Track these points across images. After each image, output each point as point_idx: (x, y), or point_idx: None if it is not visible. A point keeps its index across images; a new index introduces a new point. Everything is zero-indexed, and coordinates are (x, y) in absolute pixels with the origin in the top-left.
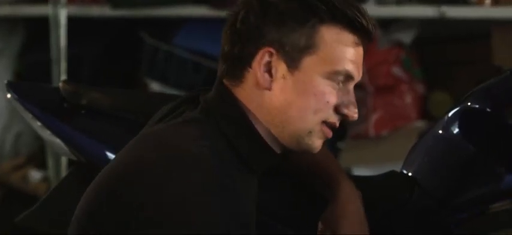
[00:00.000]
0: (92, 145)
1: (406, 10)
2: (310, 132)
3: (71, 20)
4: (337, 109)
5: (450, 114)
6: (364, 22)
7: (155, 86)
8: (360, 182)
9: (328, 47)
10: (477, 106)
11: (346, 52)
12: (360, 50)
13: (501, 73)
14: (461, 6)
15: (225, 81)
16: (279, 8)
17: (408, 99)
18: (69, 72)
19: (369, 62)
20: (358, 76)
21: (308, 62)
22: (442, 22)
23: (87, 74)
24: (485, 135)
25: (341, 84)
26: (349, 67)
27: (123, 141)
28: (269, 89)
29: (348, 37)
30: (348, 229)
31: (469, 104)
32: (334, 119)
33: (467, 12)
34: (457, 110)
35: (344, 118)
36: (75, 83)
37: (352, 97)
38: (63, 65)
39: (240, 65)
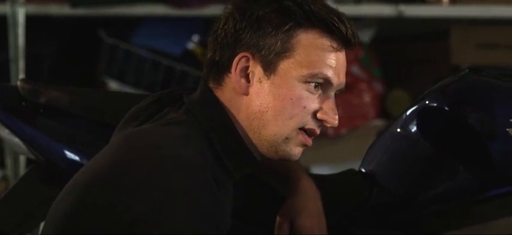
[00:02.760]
0: (50, 144)
1: (364, 9)
2: (287, 138)
3: (29, 19)
4: (315, 115)
5: (408, 112)
6: (342, 28)
7: (113, 85)
8: (319, 181)
9: (305, 51)
10: (435, 105)
11: (323, 57)
12: (340, 55)
13: (459, 72)
14: (419, 5)
15: (209, 84)
16: (257, 13)
17: (367, 97)
18: (28, 71)
19: None
20: (337, 81)
21: (285, 65)
22: (400, 21)
23: (46, 73)
24: (443, 134)
25: (320, 90)
26: (327, 72)
27: (81, 139)
28: (246, 94)
29: (326, 42)
30: (306, 221)
31: (427, 102)
32: (313, 126)
33: (425, 11)
34: (415, 109)
35: (323, 125)
36: (34, 82)
37: (331, 103)
38: (22, 64)
39: (220, 70)
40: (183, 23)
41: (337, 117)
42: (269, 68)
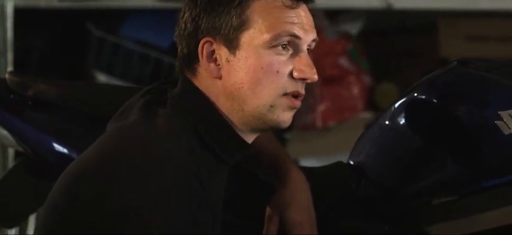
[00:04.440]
0: (39, 137)
1: (353, 1)
2: (271, 106)
3: (18, 11)
4: (292, 76)
5: (396, 105)
6: None
7: (102, 78)
8: (307, 173)
9: (261, 17)
10: (423, 97)
11: (281, 16)
12: (299, 11)
13: (447, 64)
14: None
15: (186, 75)
16: None
17: (355, 90)
18: (16, 63)
19: (316, 53)
20: (305, 35)
21: (246, 38)
22: (388, 13)
23: (34, 66)
24: (431, 126)
25: (291, 49)
26: (289, 28)
27: (70, 132)
28: (219, 77)
29: (278, 2)
30: (296, 214)
31: (415, 94)
32: (295, 87)
33: (414, 4)
34: (404, 101)
35: (304, 82)
36: (22, 74)
37: (305, 58)
38: (10, 57)
39: (191, 61)
40: (171, 16)
41: (314, 70)
42: (232, 45)
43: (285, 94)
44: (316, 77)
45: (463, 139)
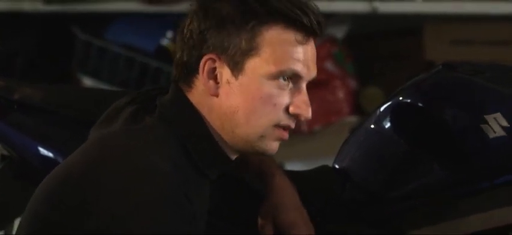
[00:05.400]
0: (24, 140)
1: (338, 5)
2: (261, 136)
3: (2, 15)
4: (287, 110)
5: (382, 108)
6: (305, 20)
7: (88, 81)
8: (292, 177)
9: (271, 47)
10: (409, 101)
11: (290, 51)
12: (307, 47)
13: (433, 68)
14: (393, 1)
15: (180, 84)
16: (219, 12)
17: (340, 94)
18: (1, 67)
19: None
20: (307, 74)
21: (251, 64)
22: (374, 17)
23: (20, 70)
24: (416, 130)
25: (291, 84)
26: (295, 66)
27: (55, 136)
28: (216, 95)
29: (291, 36)
30: (287, 216)
31: (400, 98)
32: (288, 121)
33: (399, 7)
34: (389, 105)
35: (297, 118)
36: (7, 78)
37: (304, 95)
38: None
39: (189, 72)
40: (157, 19)
41: (310, 109)
42: (236, 68)
43: (277, 126)
44: (310, 115)
45: (448, 143)
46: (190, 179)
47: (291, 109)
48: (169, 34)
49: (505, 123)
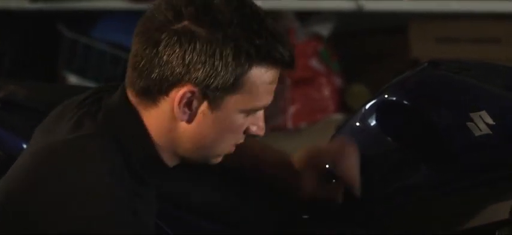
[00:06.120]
0: (9, 138)
1: (324, 3)
2: (218, 155)
3: None
4: (245, 131)
5: (367, 106)
6: (286, 56)
7: (73, 79)
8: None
9: (253, 86)
10: (394, 98)
11: (267, 89)
12: (278, 77)
13: (418, 66)
14: (379, 0)
15: (131, 95)
16: (208, 47)
17: (326, 91)
18: None
19: None
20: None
21: (230, 100)
22: (359, 15)
23: (6, 68)
24: (402, 128)
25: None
26: (268, 101)
27: None
28: (186, 122)
29: (271, 74)
30: (343, 162)
31: (386, 96)
32: (243, 139)
33: (384, 5)
34: (374, 102)
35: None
36: None
37: (261, 115)
38: None
39: (155, 90)
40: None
41: (264, 126)
42: (214, 103)
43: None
44: (264, 132)
45: (434, 141)
46: (132, 190)
47: (253, 129)
48: None
49: (490, 121)
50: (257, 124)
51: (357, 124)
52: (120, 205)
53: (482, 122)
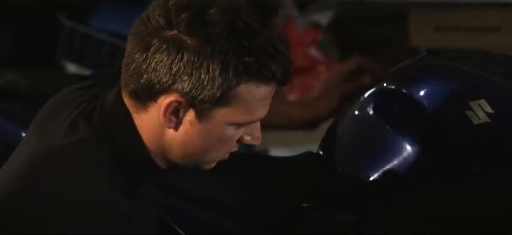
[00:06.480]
0: (8, 127)
1: None
2: (210, 162)
3: None
4: (239, 140)
5: (366, 94)
6: (278, 72)
7: (72, 68)
8: (276, 163)
9: (243, 101)
10: (393, 87)
11: (260, 104)
12: (273, 92)
13: (417, 54)
14: None
15: (124, 96)
16: (196, 59)
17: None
18: None
19: None
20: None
21: (219, 113)
22: (359, 3)
23: (5, 57)
24: (401, 116)
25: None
26: (261, 115)
27: None
28: (173, 129)
29: (264, 90)
30: None
31: (385, 84)
32: (236, 147)
33: None
34: (373, 91)
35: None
36: None
37: (256, 126)
38: None
39: (144, 95)
40: (142, 6)
41: (260, 136)
42: (202, 114)
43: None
44: (260, 141)
45: (432, 130)
46: (128, 194)
47: (246, 138)
48: None
49: (489, 110)
50: (251, 135)
51: (356, 113)
52: (115, 213)
53: (481, 111)
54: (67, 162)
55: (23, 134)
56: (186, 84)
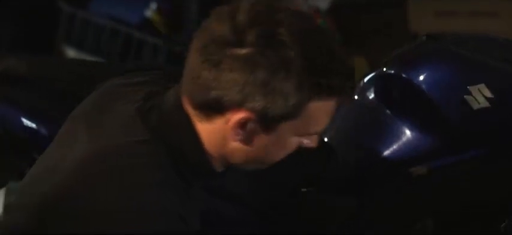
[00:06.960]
0: (8, 112)
1: None
2: (269, 164)
3: None
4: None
5: (366, 79)
6: (348, 90)
7: (71, 53)
8: None
9: (310, 116)
10: (393, 72)
11: (325, 118)
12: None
13: (417, 39)
14: None
15: (186, 103)
16: (268, 77)
17: None
18: None
19: None
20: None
21: (286, 126)
22: None
23: (5, 42)
24: (400, 101)
25: None
26: (325, 125)
27: (39, 107)
28: (239, 142)
29: (330, 104)
30: None
31: (384, 69)
32: (293, 150)
33: None
34: (373, 76)
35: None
36: None
37: (317, 136)
38: None
39: (211, 109)
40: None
41: (318, 140)
42: (270, 128)
43: None
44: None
45: (432, 114)
46: (183, 196)
47: (305, 143)
48: (154, 5)
49: (489, 94)
50: (311, 139)
51: (356, 97)
52: (172, 217)
53: (480, 95)
54: (126, 164)
55: (23, 120)
56: (258, 103)
